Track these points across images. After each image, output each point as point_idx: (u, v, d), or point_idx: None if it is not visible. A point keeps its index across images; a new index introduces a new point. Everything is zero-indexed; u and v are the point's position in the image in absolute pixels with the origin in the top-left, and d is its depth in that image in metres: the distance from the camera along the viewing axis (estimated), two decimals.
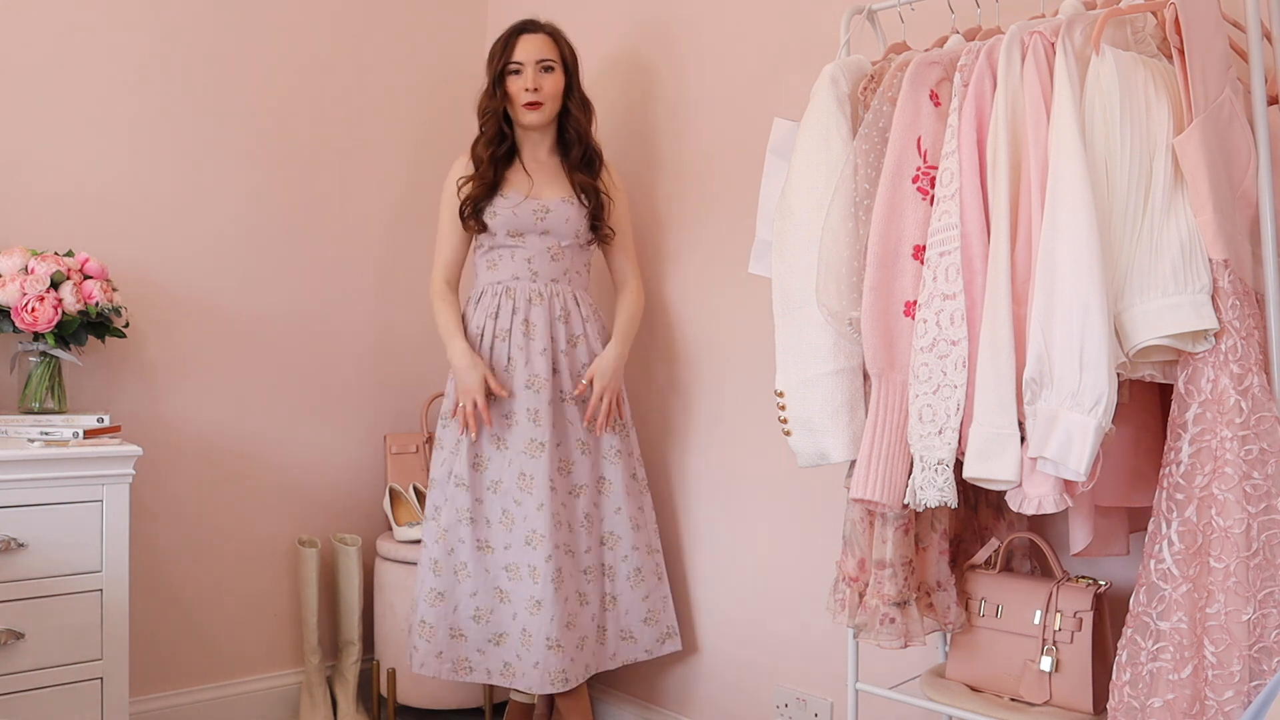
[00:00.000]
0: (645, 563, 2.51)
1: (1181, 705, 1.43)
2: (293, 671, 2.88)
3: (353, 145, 2.98)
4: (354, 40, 2.98)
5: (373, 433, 3.03)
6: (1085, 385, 1.40)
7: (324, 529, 2.94)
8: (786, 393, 1.73)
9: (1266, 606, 1.38)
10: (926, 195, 1.62)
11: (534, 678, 2.36)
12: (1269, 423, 1.40)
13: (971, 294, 1.54)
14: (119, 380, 2.60)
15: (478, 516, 2.46)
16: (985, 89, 1.57)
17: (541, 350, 2.45)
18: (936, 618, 1.81)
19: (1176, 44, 1.44)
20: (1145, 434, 1.68)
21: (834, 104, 1.73)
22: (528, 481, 2.41)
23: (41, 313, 2.27)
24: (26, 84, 2.48)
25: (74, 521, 2.11)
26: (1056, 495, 1.46)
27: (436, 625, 2.44)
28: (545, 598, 2.36)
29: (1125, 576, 1.84)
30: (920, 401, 1.57)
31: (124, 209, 2.61)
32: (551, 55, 2.50)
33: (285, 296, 2.86)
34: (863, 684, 1.88)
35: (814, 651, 2.37)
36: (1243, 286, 1.44)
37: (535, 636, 2.36)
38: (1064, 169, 1.43)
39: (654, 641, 2.52)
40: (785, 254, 1.74)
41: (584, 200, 2.52)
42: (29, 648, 2.06)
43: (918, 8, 1.89)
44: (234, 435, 2.78)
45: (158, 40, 2.65)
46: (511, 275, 2.50)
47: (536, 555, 2.38)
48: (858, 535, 1.81)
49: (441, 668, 2.44)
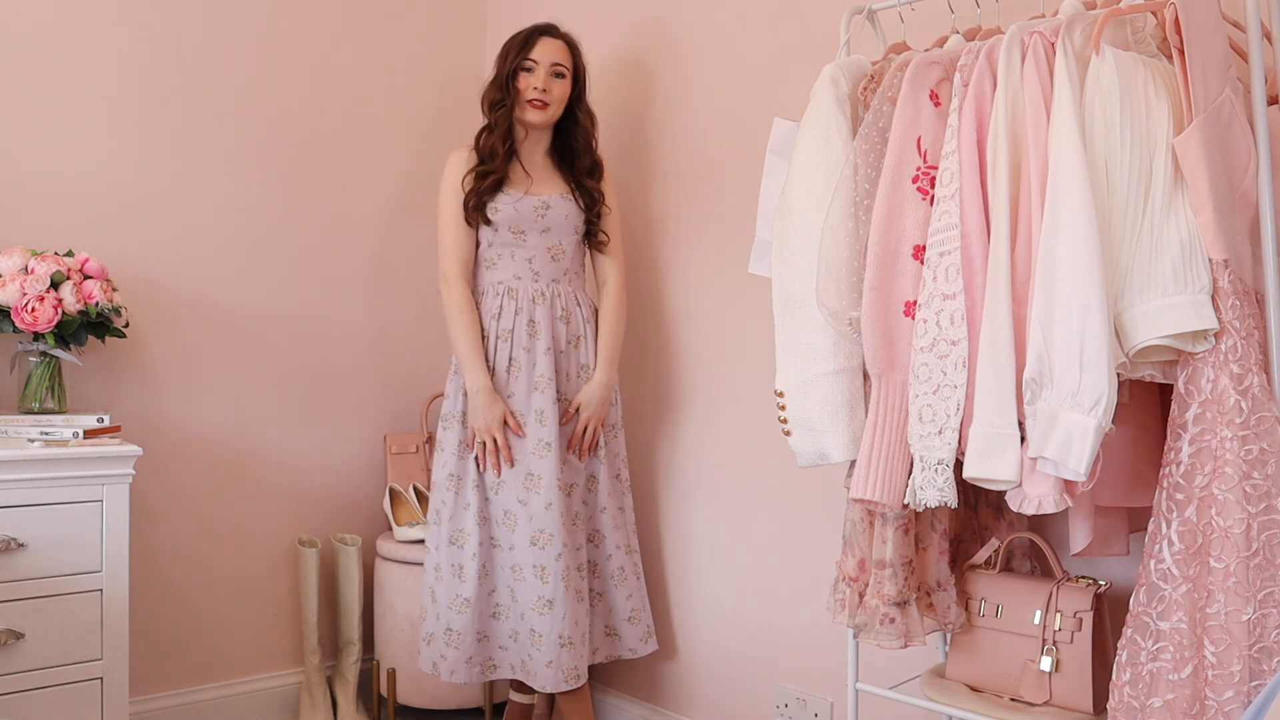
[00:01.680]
0: (626, 562, 2.53)
1: (1181, 705, 1.43)
2: (293, 671, 2.88)
3: (353, 145, 2.98)
4: (354, 40, 2.98)
5: (373, 433, 3.03)
6: (1085, 385, 1.40)
7: (324, 529, 2.94)
8: (786, 393, 1.73)
9: (1266, 606, 1.38)
10: (926, 195, 1.62)
11: (547, 677, 2.36)
12: (1269, 423, 1.40)
13: (971, 294, 1.54)
14: (119, 380, 2.60)
15: (488, 516, 2.46)
16: (985, 89, 1.57)
17: (546, 350, 2.45)
18: (936, 618, 1.81)
19: (1176, 44, 1.44)
20: (1145, 434, 1.68)
21: (834, 104, 1.73)
22: (535, 481, 2.41)
23: (41, 313, 2.27)
24: (27, 84, 2.48)
25: (74, 521, 2.11)
26: (1056, 495, 1.46)
27: (465, 632, 2.42)
28: (557, 596, 2.36)
29: (1125, 576, 1.85)
30: (920, 401, 1.57)
31: (124, 209, 2.61)
32: (566, 62, 2.52)
33: (286, 296, 2.86)
34: (863, 684, 1.88)
35: (814, 651, 2.37)
36: (1243, 286, 1.44)
37: (546, 636, 2.36)
38: (1064, 169, 1.43)
39: (637, 641, 2.54)
40: (785, 254, 1.74)
41: (580, 200, 2.52)
42: (29, 648, 2.06)
43: (918, 8, 1.89)
44: (234, 435, 2.78)
45: (158, 40, 2.65)
46: (513, 275, 2.50)
47: (545, 555, 2.38)
48: (858, 535, 1.81)
49: (472, 673, 2.44)
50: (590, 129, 2.58)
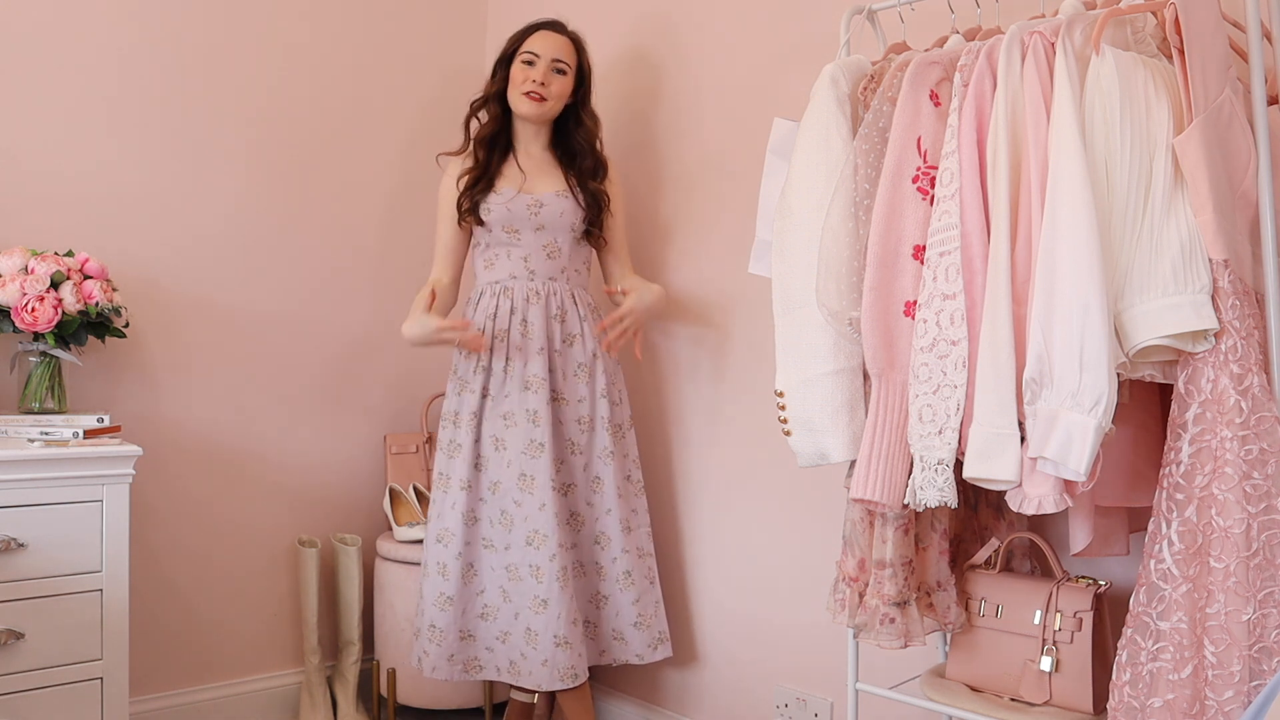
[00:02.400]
0: (636, 566, 2.48)
1: (1181, 705, 1.43)
2: (293, 671, 2.88)
3: (353, 145, 2.98)
4: (354, 40, 2.98)
5: (373, 433, 3.03)
6: (1085, 385, 1.40)
7: (324, 529, 2.94)
8: (786, 393, 1.74)
9: (1266, 606, 1.38)
10: (926, 195, 1.62)
11: (542, 675, 2.36)
12: (1269, 423, 1.40)
13: (971, 294, 1.54)
14: (119, 380, 2.60)
15: (480, 517, 2.46)
16: (985, 89, 1.57)
17: (539, 349, 2.45)
18: (936, 618, 1.81)
19: (1176, 44, 1.44)
20: (1145, 434, 1.68)
21: (834, 104, 1.73)
22: (529, 482, 2.41)
23: (41, 313, 2.27)
24: (27, 84, 2.48)
25: (74, 521, 2.11)
26: (1056, 495, 1.46)
27: (447, 629, 2.43)
28: (551, 596, 2.36)
29: (1125, 576, 1.85)
30: (920, 401, 1.57)
31: (124, 209, 2.61)
32: (568, 59, 2.51)
33: (285, 296, 2.86)
34: (863, 684, 1.88)
35: (814, 651, 2.37)
36: (1243, 286, 1.44)
37: (542, 635, 2.36)
38: (1064, 169, 1.43)
39: (645, 646, 2.47)
40: (785, 254, 1.74)
41: (580, 198, 2.52)
42: (29, 648, 2.06)
43: (918, 8, 1.89)
44: (234, 435, 2.78)
45: (158, 40, 2.65)
46: (509, 274, 2.50)
47: (540, 555, 2.38)
48: (858, 535, 1.81)
49: (453, 670, 2.44)
50: (593, 130, 2.57)
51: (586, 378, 2.50)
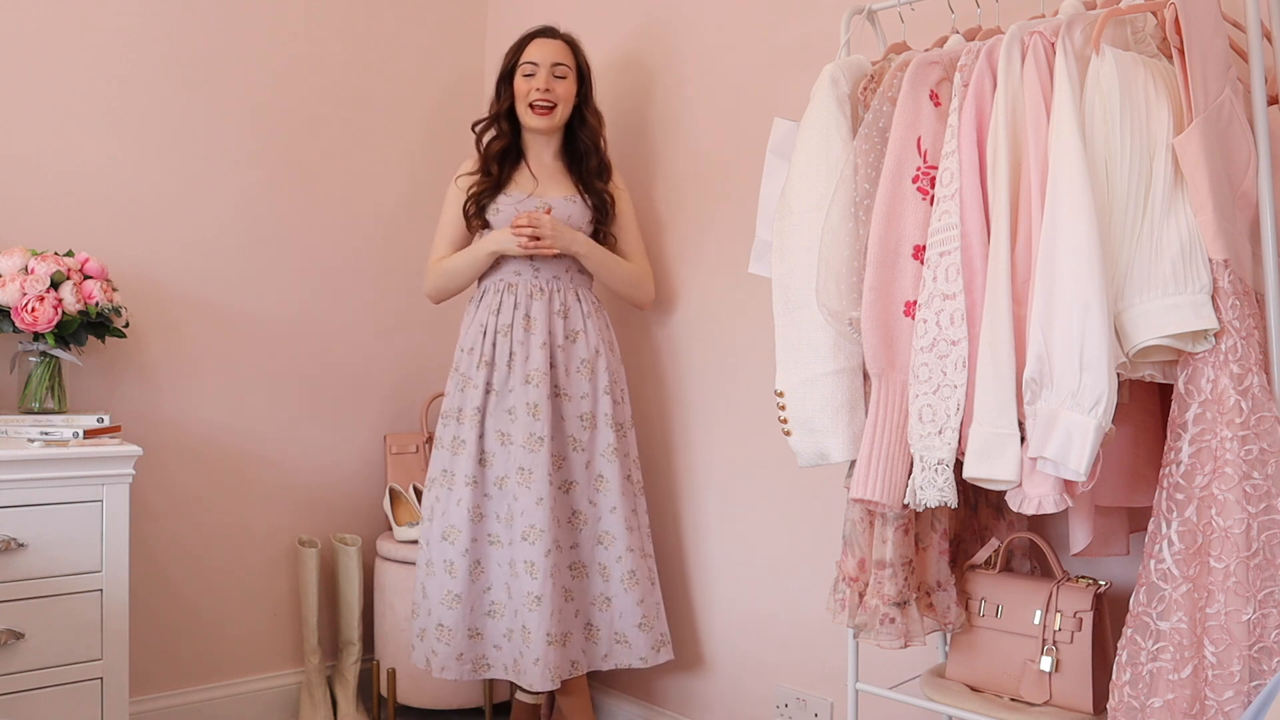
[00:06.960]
0: (639, 566, 2.47)
1: (1181, 705, 1.43)
2: (293, 671, 2.88)
3: (354, 145, 2.98)
4: (356, 41, 2.98)
5: (373, 433, 3.03)
6: (1085, 385, 1.40)
7: (324, 529, 2.94)
8: (786, 393, 1.73)
9: (1266, 606, 1.38)
10: (926, 195, 1.62)
11: (535, 675, 2.35)
12: (1269, 423, 1.40)
13: (971, 294, 1.54)
14: (119, 380, 2.60)
15: (486, 513, 2.45)
16: (985, 89, 1.57)
17: (541, 344, 2.45)
18: (936, 618, 1.81)
19: (1176, 44, 1.44)
20: (1145, 434, 1.68)
21: (834, 104, 1.73)
22: (527, 476, 2.40)
23: (41, 313, 2.27)
24: (27, 84, 2.48)
25: (74, 521, 2.11)
26: (1056, 495, 1.46)
27: (455, 628, 2.42)
28: (544, 593, 2.36)
29: (1125, 576, 1.85)
30: (920, 401, 1.57)
31: (124, 209, 2.61)
32: (567, 61, 2.52)
33: (286, 296, 2.86)
34: (863, 684, 1.88)
35: (814, 651, 2.37)
36: (1243, 286, 1.44)
37: (535, 633, 2.36)
38: (1064, 169, 1.43)
39: (648, 649, 2.46)
40: (785, 254, 1.74)
41: (588, 200, 2.53)
42: (29, 648, 2.06)
43: (918, 8, 1.89)
44: (234, 435, 2.78)
45: (160, 40, 2.65)
46: (514, 271, 2.51)
47: (535, 550, 2.37)
48: (858, 535, 1.81)
49: (463, 669, 2.44)
50: (597, 128, 2.59)
51: (589, 374, 2.50)
